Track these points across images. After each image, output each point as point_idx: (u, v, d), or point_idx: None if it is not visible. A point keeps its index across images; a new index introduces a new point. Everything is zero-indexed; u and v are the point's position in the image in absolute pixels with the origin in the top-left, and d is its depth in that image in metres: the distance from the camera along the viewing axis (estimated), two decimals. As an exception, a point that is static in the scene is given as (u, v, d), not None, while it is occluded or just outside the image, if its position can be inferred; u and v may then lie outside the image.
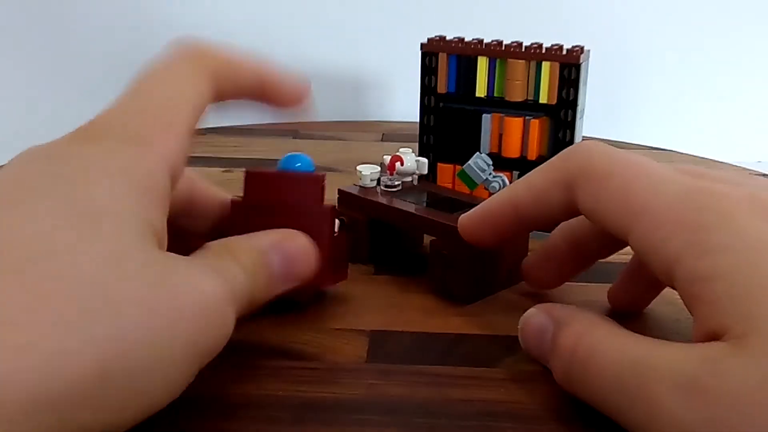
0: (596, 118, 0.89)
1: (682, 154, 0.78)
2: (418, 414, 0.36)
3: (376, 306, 0.46)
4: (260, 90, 0.39)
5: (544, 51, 0.53)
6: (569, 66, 0.52)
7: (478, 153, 0.48)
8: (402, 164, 0.51)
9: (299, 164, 0.44)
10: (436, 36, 0.56)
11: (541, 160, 0.55)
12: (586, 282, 0.48)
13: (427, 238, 0.51)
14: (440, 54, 0.56)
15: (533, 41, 0.54)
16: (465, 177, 0.47)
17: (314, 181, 0.42)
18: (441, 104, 0.57)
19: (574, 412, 0.36)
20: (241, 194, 0.42)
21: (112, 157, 0.32)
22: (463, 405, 0.37)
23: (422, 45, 0.56)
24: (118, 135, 0.33)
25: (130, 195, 0.31)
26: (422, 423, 0.35)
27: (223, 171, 0.70)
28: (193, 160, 0.35)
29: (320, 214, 0.41)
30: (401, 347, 0.42)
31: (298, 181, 0.42)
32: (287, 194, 0.42)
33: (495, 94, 0.55)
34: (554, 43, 0.54)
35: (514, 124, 0.55)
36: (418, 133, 0.58)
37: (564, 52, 0.53)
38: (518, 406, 0.37)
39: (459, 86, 0.56)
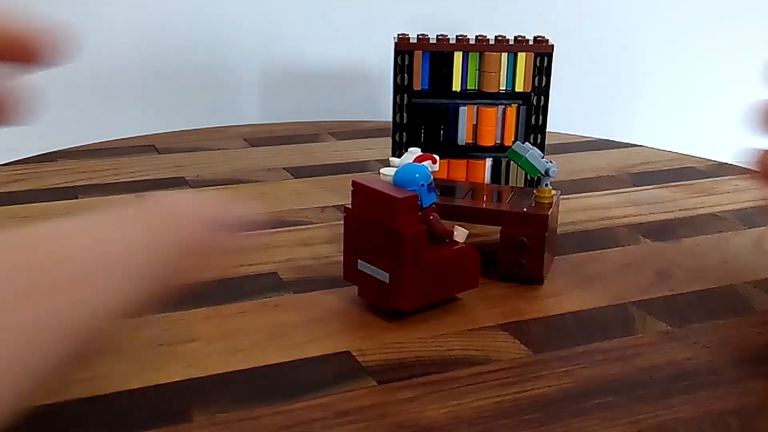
0: (587, 117, 0.93)
1: (672, 152, 0.80)
2: (630, 388, 0.39)
3: (474, 303, 0.47)
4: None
5: (516, 43, 0.57)
6: (542, 55, 0.57)
7: (518, 143, 0.51)
8: (434, 163, 0.51)
9: (417, 175, 0.44)
10: (406, 34, 0.57)
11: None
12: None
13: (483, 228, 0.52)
14: (415, 52, 0.57)
15: (497, 34, 0.57)
16: (528, 165, 0.50)
17: (408, 202, 0.43)
18: (416, 101, 0.58)
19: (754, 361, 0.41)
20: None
21: None
22: (656, 371, 0.40)
23: (396, 44, 0.57)
24: None
25: None
26: (644, 395, 0.38)
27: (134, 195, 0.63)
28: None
29: (403, 238, 0.43)
30: (545, 334, 0.44)
31: (391, 199, 0.43)
32: (381, 210, 0.43)
33: (468, 87, 0.58)
34: (517, 34, 0.57)
35: (490, 113, 0.58)
36: (391, 129, 0.59)
37: (533, 43, 0.57)
38: (692, 362, 0.41)
39: (433, 82, 0.58)
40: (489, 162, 0.59)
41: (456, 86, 0.58)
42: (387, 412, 0.36)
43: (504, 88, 0.58)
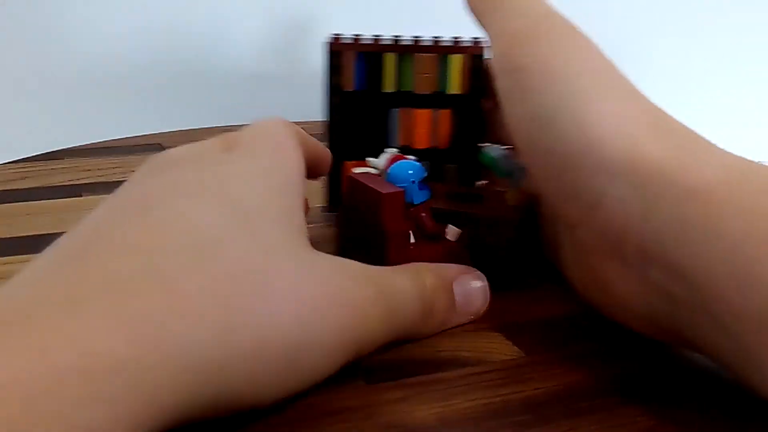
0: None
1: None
2: (623, 389, 0.38)
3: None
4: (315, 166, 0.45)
5: (451, 44, 0.55)
6: (476, 57, 0.55)
7: (489, 145, 0.50)
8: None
9: (411, 171, 0.44)
10: (337, 34, 0.55)
11: (451, 148, 0.57)
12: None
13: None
14: (347, 52, 0.55)
15: (434, 35, 0.56)
16: (496, 167, 0.50)
17: (393, 198, 0.43)
18: (347, 102, 0.56)
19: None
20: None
21: (255, 162, 0.36)
22: (651, 372, 0.40)
23: (329, 44, 0.55)
24: (255, 145, 0.38)
25: (275, 196, 0.35)
26: (638, 397, 0.38)
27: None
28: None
29: (386, 234, 0.43)
30: (538, 335, 0.43)
31: (376, 194, 0.43)
32: (368, 205, 0.44)
33: (402, 89, 0.56)
34: (453, 36, 0.56)
35: (423, 116, 0.56)
36: (324, 132, 0.57)
37: (468, 44, 0.55)
38: (690, 363, 0.41)
39: (365, 83, 0.55)
40: (427, 166, 0.57)
41: (389, 88, 0.56)
42: (375, 413, 0.35)
43: (438, 89, 0.56)
